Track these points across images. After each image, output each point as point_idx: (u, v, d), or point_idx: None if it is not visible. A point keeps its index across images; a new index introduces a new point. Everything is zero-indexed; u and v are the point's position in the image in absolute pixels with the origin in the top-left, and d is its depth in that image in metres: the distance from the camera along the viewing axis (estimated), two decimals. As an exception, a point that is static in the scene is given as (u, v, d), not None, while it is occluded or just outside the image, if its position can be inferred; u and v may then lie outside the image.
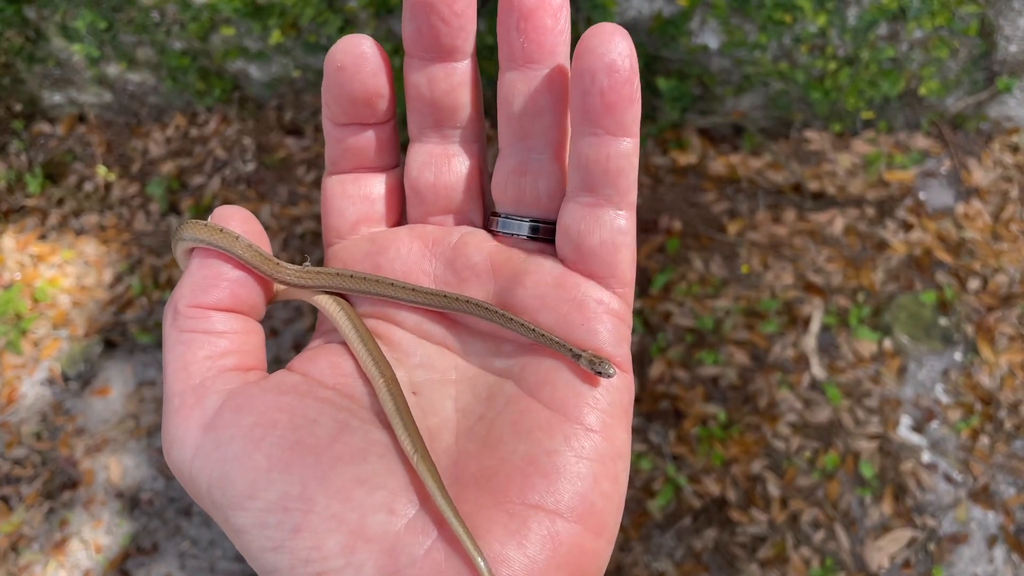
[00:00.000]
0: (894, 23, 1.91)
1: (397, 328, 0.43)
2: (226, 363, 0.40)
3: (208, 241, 0.41)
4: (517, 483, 0.36)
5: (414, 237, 0.44)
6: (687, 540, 1.74)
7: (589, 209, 0.39)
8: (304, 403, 0.39)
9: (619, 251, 0.39)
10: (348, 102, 0.41)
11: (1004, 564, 1.66)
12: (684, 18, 1.94)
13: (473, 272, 0.42)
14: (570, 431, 0.37)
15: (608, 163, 0.38)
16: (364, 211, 0.45)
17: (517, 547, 0.35)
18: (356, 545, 0.35)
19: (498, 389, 0.40)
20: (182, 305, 0.41)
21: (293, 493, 0.36)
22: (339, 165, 0.45)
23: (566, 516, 0.36)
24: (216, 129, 2.33)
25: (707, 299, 1.95)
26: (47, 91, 2.37)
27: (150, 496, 1.90)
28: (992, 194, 2.01)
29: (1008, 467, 1.74)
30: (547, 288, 0.40)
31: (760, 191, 2.08)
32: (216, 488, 0.37)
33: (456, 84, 0.41)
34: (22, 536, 1.89)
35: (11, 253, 2.22)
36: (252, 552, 0.36)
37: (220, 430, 0.38)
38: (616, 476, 0.38)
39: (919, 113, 2.07)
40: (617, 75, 0.36)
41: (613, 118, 0.37)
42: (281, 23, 2.07)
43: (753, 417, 1.82)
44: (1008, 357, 1.82)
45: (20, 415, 2.03)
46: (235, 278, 0.41)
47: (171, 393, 0.40)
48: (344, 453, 0.37)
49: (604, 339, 0.39)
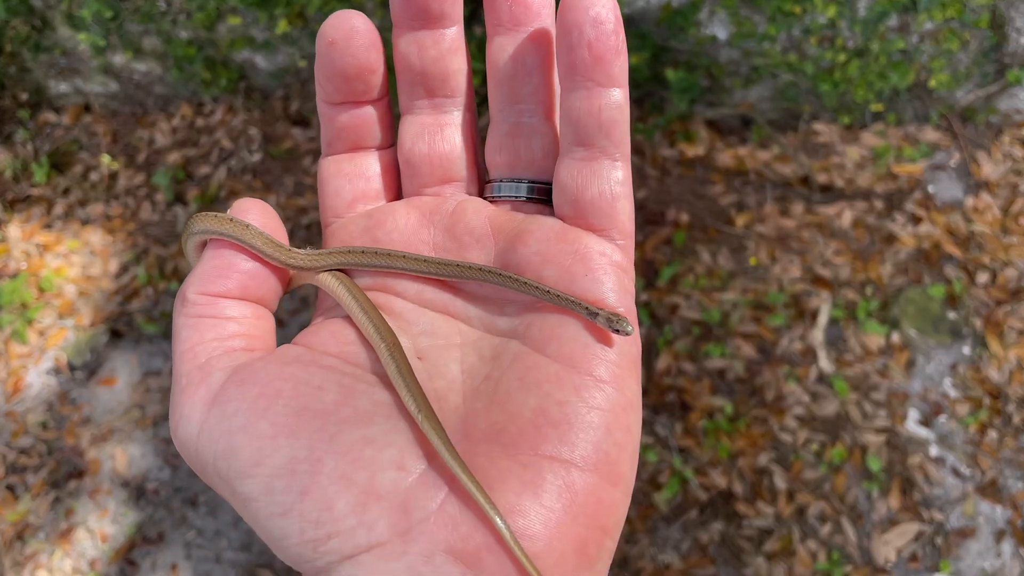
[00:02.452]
0: (904, 15, 1.89)
1: (398, 299, 0.43)
2: (233, 344, 0.40)
3: (219, 231, 0.41)
4: (529, 435, 0.36)
5: (411, 208, 0.43)
6: (693, 533, 1.73)
7: (585, 163, 0.39)
8: (308, 371, 0.39)
9: (617, 201, 0.39)
10: (341, 79, 0.41)
11: (1012, 558, 1.65)
12: (693, 9, 1.93)
13: (473, 237, 0.42)
14: (580, 382, 0.37)
15: (600, 114, 0.38)
16: (361, 189, 0.44)
17: (532, 497, 0.35)
18: (367, 503, 0.34)
19: (503, 348, 0.40)
20: (191, 292, 0.40)
21: (300, 456, 0.35)
22: (334, 146, 0.45)
23: (581, 466, 0.35)
24: (222, 119, 2.33)
25: (714, 292, 1.94)
26: (53, 80, 2.36)
27: (156, 486, 1.91)
28: (1002, 187, 1.99)
29: (1016, 461, 1.73)
30: (548, 243, 0.40)
31: (768, 183, 2.07)
32: (222, 460, 0.36)
33: (445, 51, 0.41)
34: (28, 525, 1.89)
35: (17, 242, 2.22)
36: (260, 520, 0.35)
37: (225, 403, 0.38)
38: (629, 426, 0.38)
39: (929, 106, 2.06)
40: (603, 27, 0.36)
41: (602, 69, 0.37)
42: (288, 12, 2.06)
43: (760, 410, 1.82)
44: (1017, 351, 1.81)
45: (26, 404, 2.03)
46: (246, 269, 0.41)
47: (178, 374, 0.40)
48: (350, 416, 0.37)
49: (609, 288, 0.39)
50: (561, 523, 0.34)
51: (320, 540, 0.34)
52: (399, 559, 0.34)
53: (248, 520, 0.36)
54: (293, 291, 0.49)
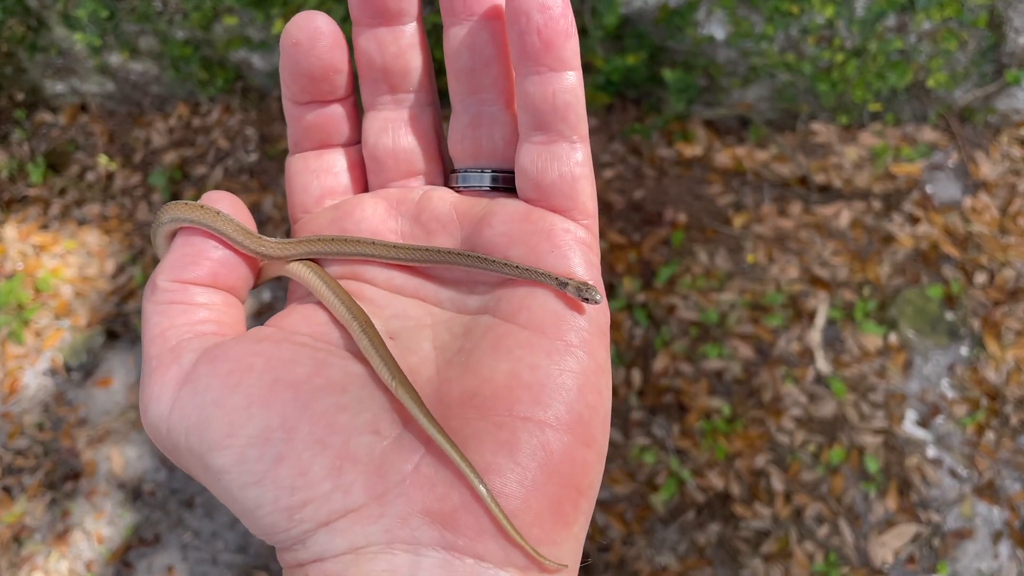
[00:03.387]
0: (902, 14, 1.89)
1: (368, 286, 0.43)
2: (204, 328, 0.40)
3: (189, 219, 0.41)
4: (503, 397, 0.36)
5: (378, 199, 0.44)
6: (690, 534, 1.73)
7: (544, 146, 0.39)
8: (280, 347, 0.39)
9: (578, 182, 0.40)
10: (306, 79, 0.42)
11: (1009, 560, 1.65)
12: (690, 9, 1.92)
13: (440, 223, 0.42)
14: (551, 347, 0.38)
15: (555, 98, 0.38)
16: (328, 185, 0.45)
17: (508, 456, 0.35)
18: (343, 467, 0.34)
19: (474, 323, 0.40)
20: (161, 280, 0.41)
21: (274, 425, 0.35)
22: (301, 144, 0.45)
23: (555, 426, 0.36)
24: (218, 119, 2.32)
25: (712, 292, 1.94)
26: (49, 80, 2.36)
27: (152, 487, 1.90)
28: (1000, 188, 1.99)
29: (1014, 462, 1.73)
30: (513, 224, 0.40)
31: (766, 184, 2.07)
32: (194, 434, 0.36)
33: (405, 47, 0.42)
34: (24, 527, 1.88)
35: (13, 243, 2.22)
36: (234, 492, 0.35)
37: (196, 381, 0.38)
38: (600, 390, 0.38)
39: (927, 105, 2.05)
40: (551, 11, 0.36)
41: (553, 53, 0.37)
42: (284, 12, 2.05)
43: (757, 411, 1.82)
44: (1015, 352, 1.81)
45: (22, 405, 2.03)
46: (217, 256, 0.41)
47: (148, 357, 0.39)
48: (323, 384, 0.37)
49: (576, 263, 0.39)
50: (536, 481, 0.35)
51: (295, 507, 0.34)
52: (375, 523, 0.34)
53: (221, 496, 0.36)
54: (274, 280, 0.49)
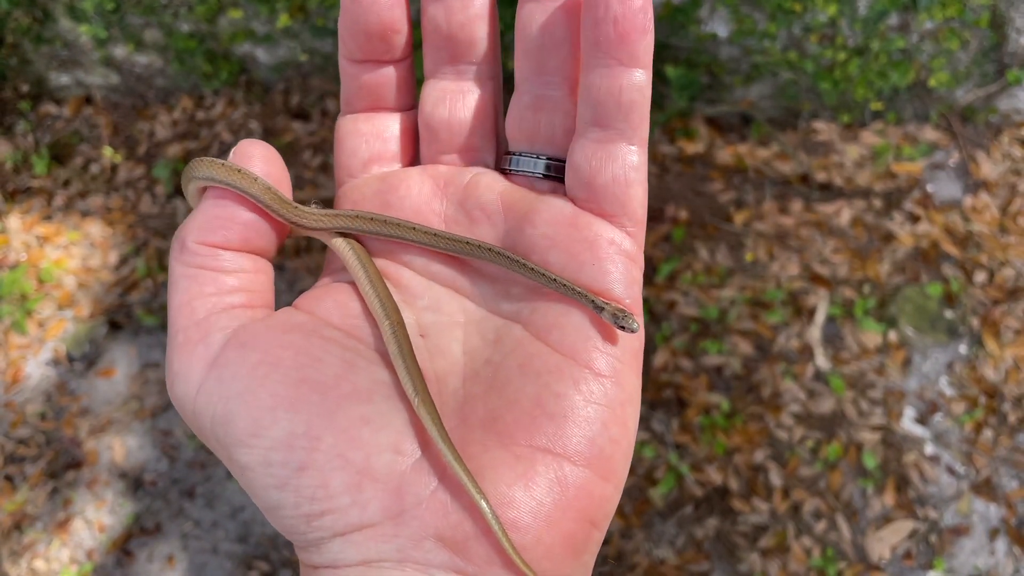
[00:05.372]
0: (905, 14, 1.90)
1: (405, 269, 0.43)
2: (232, 300, 0.40)
3: (224, 181, 0.40)
4: (524, 425, 0.36)
5: (425, 177, 0.43)
6: (688, 528, 1.74)
7: (601, 145, 0.38)
8: (310, 341, 0.38)
9: (631, 187, 0.38)
10: (364, 36, 0.41)
11: (1005, 557, 1.66)
12: (694, 6, 1.93)
13: (484, 212, 0.41)
14: (579, 375, 0.37)
15: (620, 95, 0.37)
16: (377, 150, 0.44)
17: (524, 489, 0.35)
18: (362, 484, 0.35)
19: (506, 332, 0.40)
20: (190, 240, 0.40)
21: (298, 432, 0.35)
22: (353, 104, 0.44)
23: (574, 460, 0.36)
24: (223, 112, 2.33)
25: (712, 288, 1.95)
26: (54, 72, 2.37)
27: (153, 477, 1.91)
28: (1000, 187, 2.00)
29: (1011, 460, 1.74)
30: (558, 227, 0.39)
31: (767, 181, 2.07)
32: (220, 426, 0.37)
33: (473, 16, 0.41)
34: (26, 515, 1.89)
35: (17, 233, 2.23)
36: (256, 490, 0.36)
37: (224, 367, 0.37)
38: (625, 421, 0.37)
39: (928, 105, 2.06)
40: (631, 3, 0.35)
41: (626, 47, 0.36)
42: (289, 6, 2.06)
43: (756, 407, 1.82)
44: (1013, 350, 1.82)
45: (25, 395, 2.04)
46: (248, 221, 0.40)
47: (175, 328, 0.39)
48: (350, 392, 0.37)
49: (615, 279, 0.38)
50: (551, 516, 0.35)
51: (314, 515, 0.35)
52: (389, 541, 0.34)
53: (244, 486, 0.37)
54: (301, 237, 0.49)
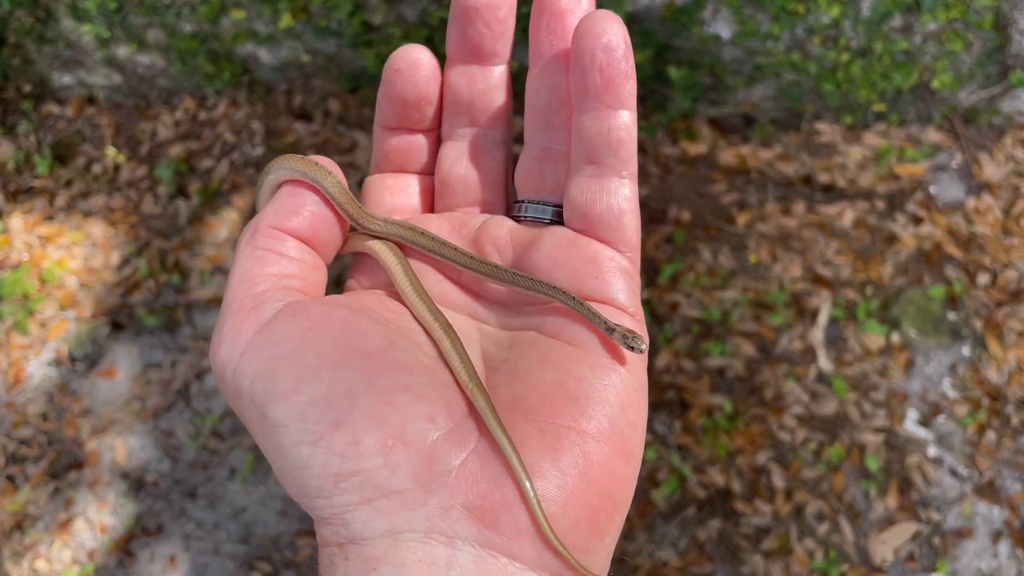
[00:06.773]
0: (908, 15, 1.89)
1: None
2: (290, 283, 0.42)
3: (302, 172, 0.44)
4: (548, 406, 0.38)
5: (443, 220, 0.47)
6: (691, 530, 1.74)
7: (594, 179, 0.42)
8: (357, 317, 0.41)
9: (624, 216, 0.42)
10: (400, 104, 0.45)
11: (1008, 559, 1.65)
12: (696, 7, 1.93)
13: (494, 246, 0.45)
14: (596, 363, 0.40)
15: (609, 134, 0.41)
16: (399, 202, 0.48)
17: (551, 462, 0.36)
18: (395, 447, 0.36)
19: (520, 337, 0.43)
20: (263, 225, 0.43)
21: (339, 390, 0.37)
22: (381, 166, 0.49)
23: (596, 437, 0.38)
24: (225, 113, 2.33)
25: (715, 290, 1.94)
26: (56, 72, 2.37)
27: (155, 478, 1.91)
28: (1003, 189, 2.00)
29: (1014, 462, 1.73)
30: (560, 248, 0.43)
31: (770, 183, 2.07)
32: (260, 382, 0.38)
33: (493, 85, 0.46)
34: (27, 515, 1.89)
35: (19, 234, 2.23)
36: (285, 448, 0.37)
37: (273, 331, 0.39)
38: (640, 407, 0.40)
39: (931, 106, 2.06)
40: (614, 53, 0.39)
41: (612, 92, 0.40)
42: (291, 7, 2.06)
43: (759, 409, 1.82)
44: (1016, 352, 1.82)
45: (27, 395, 2.04)
46: (318, 210, 0.44)
47: (232, 297, 0.41)
48: (391, 363, 0.39)
49: (618, 289, 0.42)
50: (576, 489, 0.36)
51: (343, 475, 0.35)
52: (418, 509, 0.35)
53: (269, 450, 0.38)
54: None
